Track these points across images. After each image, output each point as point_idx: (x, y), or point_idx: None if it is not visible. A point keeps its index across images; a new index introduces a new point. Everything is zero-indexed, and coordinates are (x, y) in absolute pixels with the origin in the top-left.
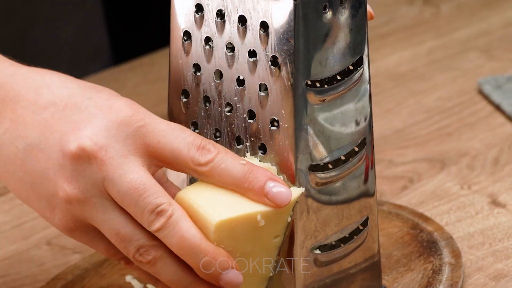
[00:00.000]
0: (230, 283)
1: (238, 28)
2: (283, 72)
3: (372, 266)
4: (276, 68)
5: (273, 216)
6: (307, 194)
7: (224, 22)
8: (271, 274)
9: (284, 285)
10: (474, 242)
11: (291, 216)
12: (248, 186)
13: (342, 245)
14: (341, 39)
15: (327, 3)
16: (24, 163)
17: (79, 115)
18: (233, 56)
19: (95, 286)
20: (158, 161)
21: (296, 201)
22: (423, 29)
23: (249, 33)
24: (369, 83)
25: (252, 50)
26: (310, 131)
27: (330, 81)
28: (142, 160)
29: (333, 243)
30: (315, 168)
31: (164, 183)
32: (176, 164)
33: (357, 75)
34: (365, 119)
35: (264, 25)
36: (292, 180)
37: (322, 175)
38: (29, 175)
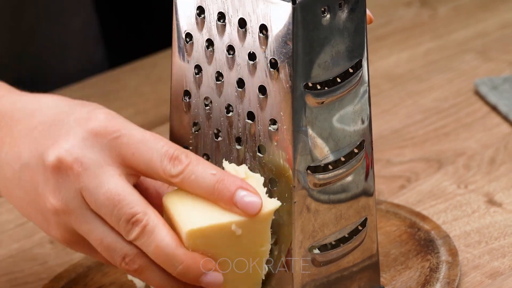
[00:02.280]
0: (211, 284)
1: (238, 30)
2: (282, 75)
3: (370, 266)
4: (275, 70)
5: (251, 226)
6: (305, 195)
7: (224, 24)
8: (263, 277)
9: (282, 285)
10: (471, 240)
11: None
12: (218, 196)
13: (341, 245)
14: (340, 42)
15: (325, 7)
16: (20, 182)
17: (60, 130)
18: (233, 58)
19: (97, 284)
20: (135, 171)
21: (275, 211)
22: (420, 31)
23: (248, 36)
24: (368, 85)
25: (251, 52)
26: (309, 132)
27: (329, 84)
28: (120, 170)
29: (332, 243)
30: (313, 169)
31: (158, 187)
32: (151, 175)
33: (356, 78)
34: (364, 121)
35: (263, 28)
36: (290, 180)
37: (320, 176)
38: (25, 193)
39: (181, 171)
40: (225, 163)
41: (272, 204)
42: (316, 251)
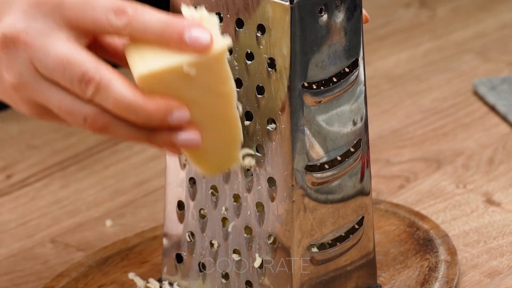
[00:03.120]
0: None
1: (235, 30)
2: (280, 74)
3: (367, 263)
4: (273, 70)
5: (205, 66)
6: (303, 194)
7: (221, 25)
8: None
9: (280, 283)
10: (469, 240)
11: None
12: (167, 38)
13: (338, 243)
14: (337, 41)
15: (323, 6)
16: None
17: (5, 6)
18: (231, 58)
19: (98, 283)
20: (84, 33)
21: (225, 53)
22: (419, 31)
23: (246, 36)
24: (365, 84)
25: (249, 52)
26: (307, 132)
27: (326, 83)
28: (67, 33)
29: (330, 241)
30: (311, 168)
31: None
32: (100, 32)
33: (352, 77)
34: (361, 120)
35: (261, 28)
36: (289, 180)
37: (318, 175)
38: None
39: (127, 22)
40: (183, 7)
41: (223, 42)
42: (315, 249)
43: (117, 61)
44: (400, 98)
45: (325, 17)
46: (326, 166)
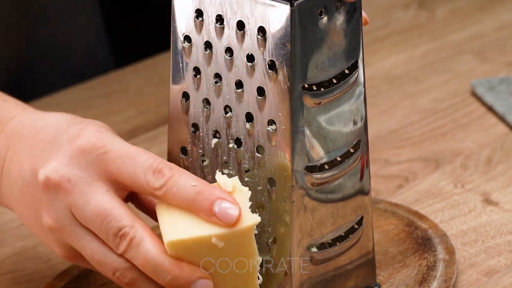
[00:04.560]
0: None
1: (236, 33)
2: (280, 76)
3: (366, 263)
4: (274, 72)
5: (233, 240)
6: (303, 194)
7: (223, 27)
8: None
9: (281, 283)
10: (467, 239)
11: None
12: (197, 207)
13: (337, 243)
14: (337, 43)
15: (322, 9)
16: (24, 199)
17: (53, 148)
18: (231, 60)
19: (100, 282)
20: (121, 186)
21: (255, 226)
22: (418, 32)
23: (247, 38)
24: (364, 86)
25: (250, 54)
26: (307, 132)
27: (326, 85)
28: (107, 185)
29: (329, 241)
30: (311, 169)
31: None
32: (136, 189)
33: (352, 79)
34: (360, 121)
35: (261, 30)
36: (289, 180)
37: (318, 175)
38: (28, 210)
39: (163, 184)
40: (218, 174)
41: (252, 219)
42: (314, 249)
43: (149, 215)
44: (399, 98)
45: (325, 19)
46: (326, 167)
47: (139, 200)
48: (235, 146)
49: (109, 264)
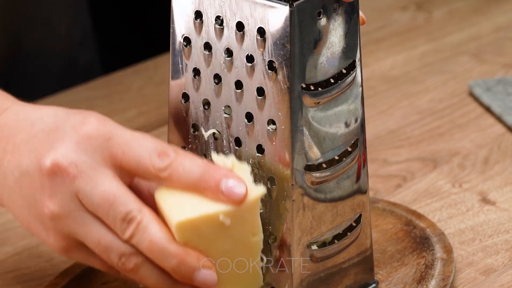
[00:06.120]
0: (204, 283)
1: (236, 34)
2: (280, 76)
3: (364, 260)
4: (273, 72)
5: (239, 215)
6: (303, 193)
7: (222, 28)
8: (263, 275)
9: (281, 280)
10: (465, 238)
11: (285, 217)
12: (204, 186)
13: (336, 241)
14: (335, 44)
15: (321, 10)
16: (21, 190)
17: (57, 136)
18: (231, 60)
19: (102, 280)
20: (127, 171)
21: (261, 198)
22: (415, 34)
23: (246, 39)
24: (362, 86)
25: (249, 55)
26: (306, 132)
27: (325, 84)
28: (113, 171)
29: (329, 239)
30: (310, 167)
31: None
32: (141, 172)
33: (350, 79)
34: (358, 120)
35: (261, 31)
36: (289, 179)
37: (317, 174)
38: (25, 200)
39: (169, 164)
40: (214, 155)
41: (257, 191)
42: (314, 247)
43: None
44: (397, 99)
45: (323, 20)
46: (325, 166)
47: (138, 191)
48: (236, 146)
49: (116, 250)
